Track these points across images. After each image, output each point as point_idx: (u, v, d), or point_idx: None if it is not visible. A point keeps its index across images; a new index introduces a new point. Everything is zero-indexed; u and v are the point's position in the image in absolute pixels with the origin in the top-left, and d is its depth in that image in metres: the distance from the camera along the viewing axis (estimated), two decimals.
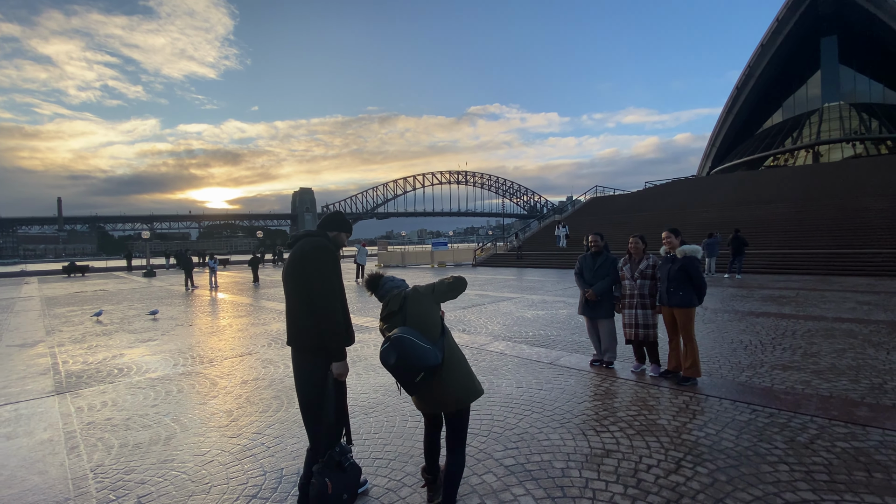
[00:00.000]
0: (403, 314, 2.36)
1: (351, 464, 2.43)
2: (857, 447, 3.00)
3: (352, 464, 2.43)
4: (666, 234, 4.62)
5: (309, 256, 2.41)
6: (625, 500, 2.48)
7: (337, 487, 2.30)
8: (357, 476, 2.46)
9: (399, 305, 2.39)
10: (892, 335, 6.10)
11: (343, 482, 2.34)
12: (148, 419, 4.05)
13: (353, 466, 2.44)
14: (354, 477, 2.43)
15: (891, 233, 16.97)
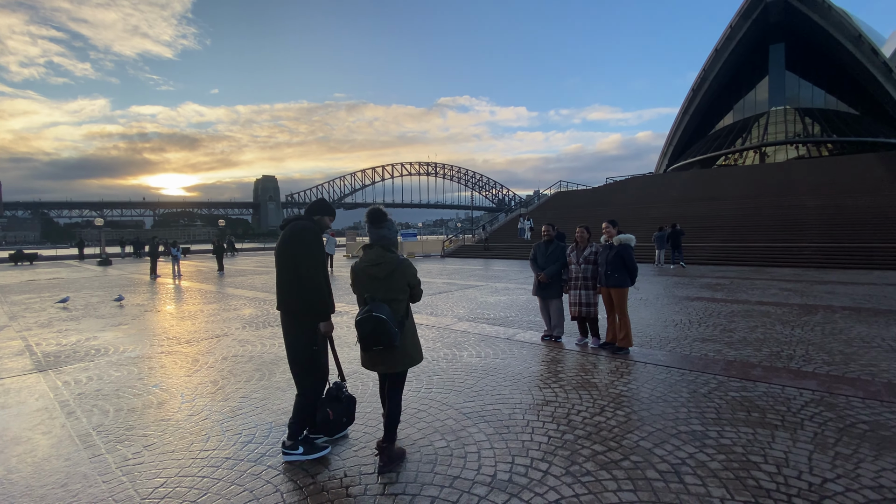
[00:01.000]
0: (386, 283, 2.73)
1: (346, 395, 3.04)
2: (744, 396, 3.76)
3: (347, 395, 3.05)
4: (605, 225, 5.31)
5: (297, 237, 2.87)
6: (556, 433, 3.11)
7: (337, 413, 2.95)
8: (352, 404, 3.07)
9: (383, 274, 2.72)
10: (800, 315, 7.10)
11: (341, 409, 2.97)
12: (137, 389, 4.37)
13: (349, 397, 3.06)
14: (351, 405, 3.05)
15: (820, 228, 18.75)
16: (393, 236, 2.84)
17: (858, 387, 3.91)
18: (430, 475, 2.64)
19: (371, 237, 2.82)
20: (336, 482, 2.61)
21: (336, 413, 2.93)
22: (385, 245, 2.79)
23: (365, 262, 2.78)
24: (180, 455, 3.00)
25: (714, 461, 2.70)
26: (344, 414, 2.99)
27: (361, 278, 2.79)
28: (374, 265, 2.74)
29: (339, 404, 2.96)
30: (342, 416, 2.98)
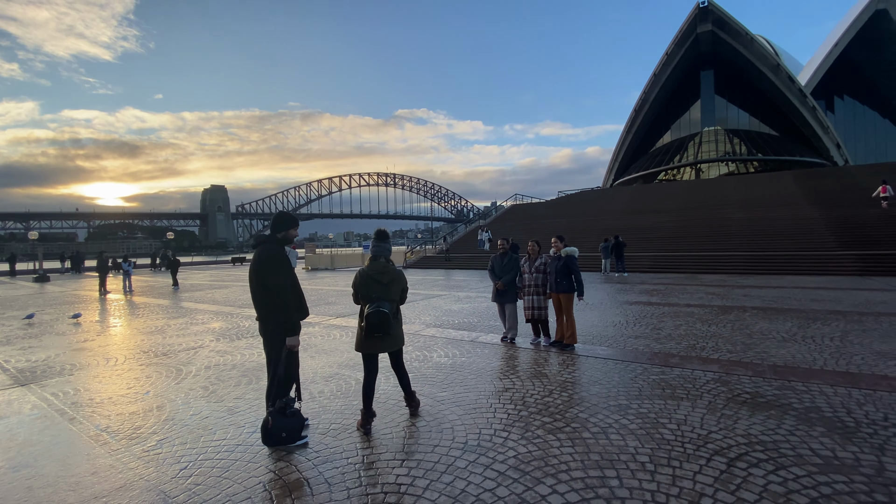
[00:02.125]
0: (386, 288, 3.57)
1: (293, 411, 3.27)
2: (661, 378, 4.65)
3: (293, 411, 3.28)
4: (554, 240, 6.18)
5: (264, 264, 3.33)
6: (514, 411, 3.83)
7: (276, 426, 3.19)
8: (298, 422, 3.28)
9: (389, 280, 3.60)
10: (717, 315, 8.30)
11: (283, 424, 3.21)
12: (130, 397, 4.68)
13: (295, 414, 3.28)
14: (295, 422, 3.26)
15: (744, 238, 20.97)
16: (390, 249, 3.72)
17: (749, 368, 4.92)
18: (416, 444, 3.27)
19: (376, 250, 3.67)
20: (326, 453, 3.18)
21: (275, 424, 3.19)
22: (387, 257, 3.65)
23: (372, 270, 3.59)
24: (193, 446, 3.44)
25: (633, 423, 3.51)
26: (284, 429, 3.20)
27: (368, 282, 3.57)
28: (380, 273, 3.56)
29: (280, 418, 3.22)
30: (281, 431, 3.20)
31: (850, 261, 16.42)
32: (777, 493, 2.53)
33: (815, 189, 27.35)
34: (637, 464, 2.90)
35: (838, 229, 19.87)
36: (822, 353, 5.50)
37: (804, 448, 3.06)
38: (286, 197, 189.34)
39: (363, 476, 2.88)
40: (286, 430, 3.24)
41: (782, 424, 3.44)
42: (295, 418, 3.30)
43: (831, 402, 3.87)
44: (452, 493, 2.63)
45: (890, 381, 4.38)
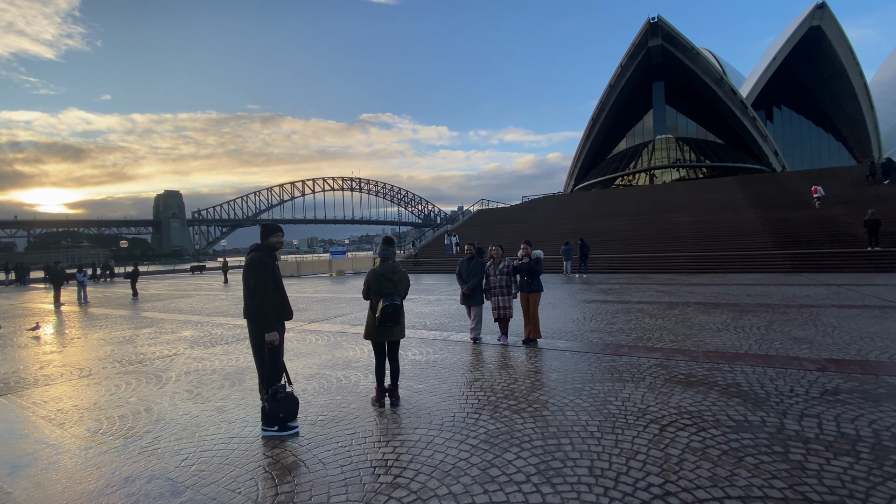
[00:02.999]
0: (396, 285, 4.21)
1: (284, 395, 3.67)
2: (611, 365, 5.27)
3: (285, 395, 3.68)
4: (523, 245, 6.74)
5: (248, 268, 3.81)
6: (483, 397, 4.31)
7: (273, 409, 3.63)
8: (292, 403, 3.70)
9: (397, 279, 4.32)
10: (664, 310, 9.14)
11: (278, 406, 3.63)
12: (115, 402, 4.82)
13: (288, 396, 3.69)
14: (290, 403, 3.68)
15: (692, 240, 22.52)
16: (395, 252, 4.41)
17: (686, 354, 5.63)
18: (399, 428, 3.69)
19: (385, 253, 4.36)
20: (319, 437, 3.55)
21: (271, 409, 3.61)
22: (393, 259, 4.31)
23: (384, 269, 4.27)
24: (190, 440, 3.71)
25: (585, 402, 4.07)
26: (280, 410, 3.62)
27: (381, 280, 4.18)
28: (391, 272, 4.23)
29: (274, 403, 3.62)
30: (278, 412, 3.62)
31: (784, 259, 18.06)
32: (696, 448, 3.12)
33: (755, 193, 29.63)
34: (587, 432, 3.44)
35: (774, 230, 21.74)
36: (748, 339, 6.32)
37: (722, 414, 3.70)
38: (246, 202, 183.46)
39: (353, 455, 3.27)
40: (282, 411, 3.65)
41: (707, 398, 4.10)
42: (287, 401, 3.71)
43: (749, 379, 4.59)
44: (433, 464, 3.07)
45: (800, 361, 5.18)
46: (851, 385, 4.29)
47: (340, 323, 9.25)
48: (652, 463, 2.94)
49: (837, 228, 20.57)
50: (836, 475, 2.71)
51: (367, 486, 2.82)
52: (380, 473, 2.98)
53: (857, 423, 3.42)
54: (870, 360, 5.13)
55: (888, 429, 3.31)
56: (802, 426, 3.42)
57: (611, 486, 2.68)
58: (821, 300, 9.66)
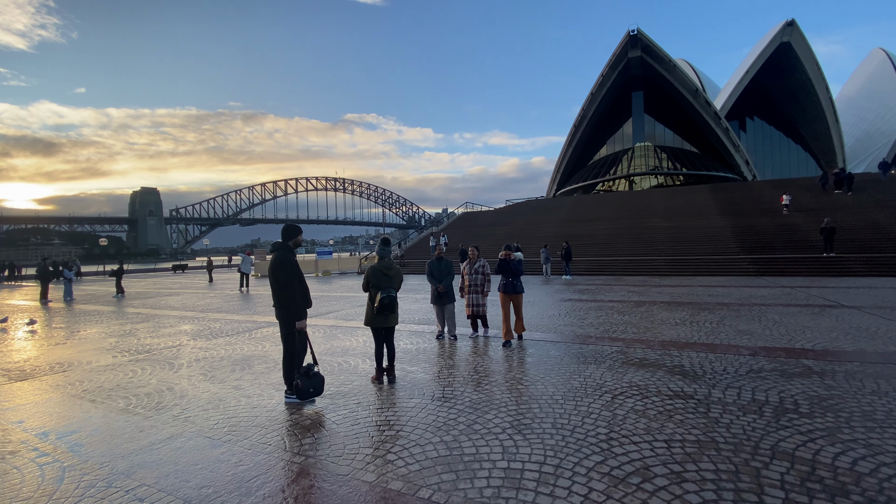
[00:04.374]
0: (392, 279, 4.89)
1: (315, 373, 4.37)
2: (579, 352, 6.05)
3: (315, 373, 4.37)
4: (504, 251, 6.90)
5: (278, 265, 4.46)
6: (468, 376, 5.03)
7: (304, 385, 4.28)
8: (320, 380, 4.39)
9: (393, 274, 4.89)
10: (632, 308, 10.02)
11: (309, 383, 4.29)
12: (137, 384, 5.35)
13: (317, 375, 4.38)
14: (318, 380, 4.38)
15: (666, 245, 23.72)
16: (391, 251, 5.08)
17: (644, 343, 6.46)
18: (397, 399, 4.38)
19: (382, 252, 5.03)
20: (328, 402, 4.21)
21: (304, 384, 4.25)
22: (389, 257, 4.99)
23: (382, 266, 4.94)
24: (216, 410, 4.31)
25: (554, 379, 4.83)
26: (311, 385, 4.27)
27: (378, 275, 4.85)
28: (388, 269, 4.91)
29: (307, 379, 4.27)
30: (309, 388, 4.26)
31: (748, 263, 19.31)
32: (638, 410, 3.90)
33: (725, 201, 31.18)
34: (553, 400, 4.19)
35: (740, 236, 23.10)
36: (699, 331, 7.20)
37: (664, 387, 4.50)
38: (226, 200, 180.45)
39: (360, 418, 3.94)
40: (313, 387, 4.32)
41: (655, 375, 4.90)
42: (317, 378, 4.37)
43: (692, 362, 5.41)
44: (426, 422, 3.77)
45: (738, 349, 6.05)
46: (774, 366, 5.15)
47: (334, 318, 9.85)
48: (602, 420, 3.70)
49: (798, 235, 22.02)
50: (741, 427, 3.51)
51: (375, 438, 3.50)
52: (384, 429, 3.66)
53: (769, 393, 4.25)
54: (795, 347, 6.03)
55: (791, 397, 4.14)
56: (725, 394, 4.23)
57: (568, 435, 3.42)
58: (771, 300, 10.69)
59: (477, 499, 2.61)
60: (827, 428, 3.42)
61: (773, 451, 3.08)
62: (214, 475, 3.02)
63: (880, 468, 2.81)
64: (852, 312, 8.61)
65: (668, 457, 3.04)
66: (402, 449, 3.29)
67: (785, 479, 2.71)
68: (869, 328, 7.07)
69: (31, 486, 2.94)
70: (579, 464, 2.97)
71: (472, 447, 3.28)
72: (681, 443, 3.24)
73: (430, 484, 2.80)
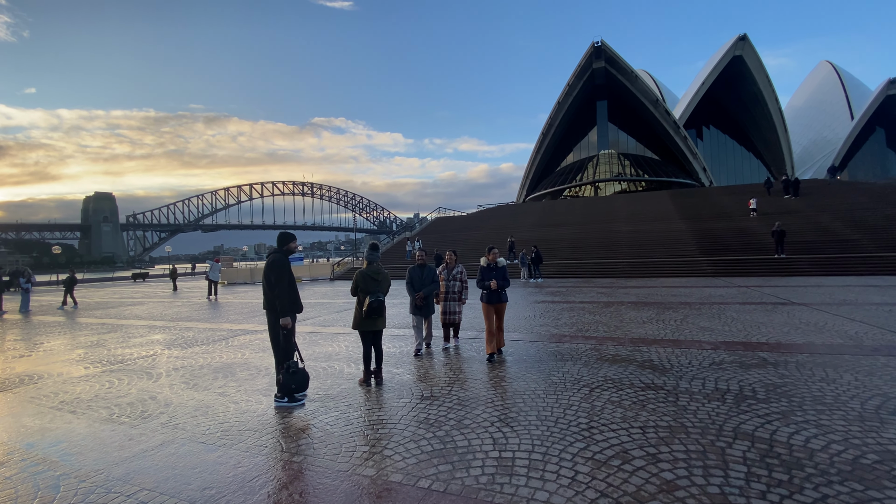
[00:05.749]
0: (380, 284, 4.96)
1: (296, 370, 4.45)
2: (555, 350, 6.36)
3: (297, 370, 4.46)
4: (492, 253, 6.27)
5: (270, 266, 4.65)
6: (454, 376, 5.22)
7: (286, 380, 4.40)
8: (303, 377, 4.49)
9: (381, 279, 4.97)
10: (601, 308, 10.49)
11: (291, 379, 4.40)
12: (117, 394, 5.25)
13: (300, 371, 4.47)
14: (301, 376, 4.47)
15: (630, 248, 24.70)
16: (379, 257, 5.15)
17: (615, 341, 6.84)
18: (386, 399, 4.52)
19: (371, 257, 5.13)
20: (318, 405, 4.31)
21: (285, 379, 4.35)
22: (378, 262, 5.09)
23: (370, 271, 5.01)
24: (206, 416, 4.32)
25: (534, 375, 5.09)
26: (293, 382, 4.35)
27: (367, 280, 4.93)
28: (376, 274, 4.96)
29: (288, 375, 4.37)
30: (290, 384, 4.35)
31: (707, 265, 20.41)
32: (614, 401, 4.20)
33: (685, 206, 32.77)
34: (535, 395, 4.44)
35: (699, 239, 24.37)
36: (665, 329, 7.67)
37: (636, 379, 4.84)
38: (187, 206, 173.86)
39: (353, 419, 4.06)
40: (294, 383, 4.43)
41: (627, 369, 5.24)
42: (299, 374, 4.47)
43: (660, 357, 5.81)
44: (417, 420, 3.93)
45: (700, 344, 6.50)
46: (733, 359, 5.61)
47: (312, 325, 9.83)
48: (582, 411, 3.97)
49: (752, 238, 23.44)
50: (707, 413, 3.85)
51: (370, 436, 3.64)
52: (378, 428, 3.80)
53: (730, 382, 4.66)
54: (752, 341, 6.55)
55: (750, 385, 4.55)
56: (691, 385, 4.60)
57: (552, 425, 3.67)
58: (729, 299, 11.42)
59: (473, 486, 2.81)
60: (782, 412, 3.81)
61: (736, 432, 3.42)
62: (215, 477, 3.08)
63: (830, 445, 3.19)
64: (802, 309, 9.36)
65: (644, 441, 3.33)
66: (398, 445, 3.44)
67: (747, 457, 3.04)
68: (817, 323, 7.73)
69: (27, 495, 2.92)
70: (565, 450, 3.22)
71: (465, 440, 3.47)
72: (654, 428, 3.54)
73: (429, 475, 2.97)
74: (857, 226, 23.05)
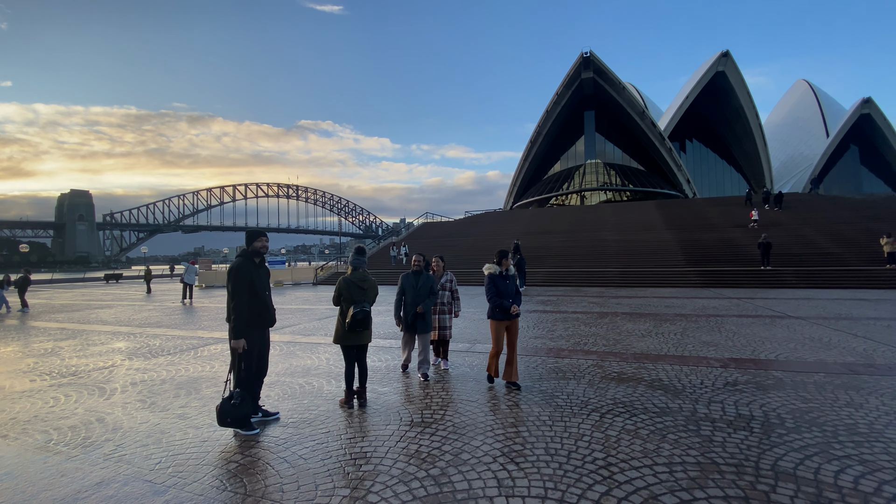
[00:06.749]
0: (366, 292, 4.42)
1: (236, 402, 3.71)
2: (555, 366, 5.88)
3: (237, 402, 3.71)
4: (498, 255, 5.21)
5: (227, 273, 4.01)
6: (447, 396, 4.69)
7: (222, 410, 3.70)
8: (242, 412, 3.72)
9: (368, 287, 4.44)
10: (596, 319, 10.08)
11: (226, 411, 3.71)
12: (60, 415, 4.56)
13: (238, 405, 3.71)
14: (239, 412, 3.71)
15: (618, 257, 24.55)
16: (366, 262, 4.60)
17: (618, 357, 6.40)
18: (371, 425, 3.96)
19: (356, 262, 4.53)
20: (286, 431, 3.73)
21: (221, 409, 3.71)
22: (364, 268, 4.52)
23: (355, 278, 4.43)
24: (158, 446, 3.69)
25: (536, 397, 4.59)
26: (228, 415, 3.69)
27: (352, 288, 4.36)
28: (362, 281, 4.40)
29: (226, 406, 3.72)
30: (226, 417, 3.69)
31: (695, 275, 20.29)
32: (630, 430, 3.72)
33: (671, 216, 32.92)
34: (540, 421, 3.94)
35: (687, 250, 24.35)
36: (667, 343, 7.27)
37: (649, 403, 4.38)
38: (168, 206, 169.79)
39: (332, 451, 3.49)
40: (230, 417, 3.73)
41: (637, 390, 4.78)
42: (239, 408, 3.74)
43: (669, 375, 5.37)
44: (408, 453, 3.39)
45: (708, 361, 6.11)
46: (747, 378, 5.20)
47: (290, 333, 9.18)
48: (595, 442, 3.48)
49: (737, 249, 23.51)
50: (736, 445, 3.41)
51: (352, 475, 3.08)
52: (361, 464, 3.24)
53: (751, 406, 4.23)
54: (761, 358, 6.18)
55: (774, 410, 4.13)
56: (710, 409, 4.16)
57: (564, 461, 3.17)
58: (723, 311, 11.15)
59: None
60: (818, 444, 3.39)
61: (775, 471, 2.98)
62: None
63: (882, 487, 2.76)
64: (801, 323, 9.10)
65: (674, 483, 2.85)
66: (385, 487, 2.89)
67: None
68: (822, 339, 7.43)
69: None
70: (584, 496, 2.72)
71: (464, 481, 2.94)
72: (682, 466, 3.08)
73: None
74: (840, 239, 23.33)
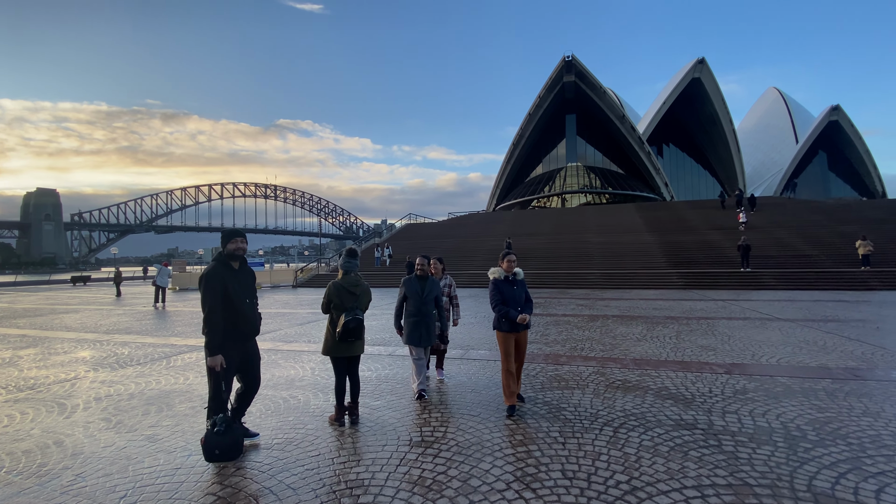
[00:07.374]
0: (358, 298, 4.04)
1: (220, 430, 3.23)
2: (556, 374, 5.61)
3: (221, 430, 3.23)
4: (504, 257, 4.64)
5: (199, 280, 3.50)
6: (446, 411, 4.35)
7: (208, 442, 3.22)
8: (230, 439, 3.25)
9: (360, 293, 4.05)
10: (588, 322, 9.90)
11: (213, 441, 3.22)
12: (13, 437, 4.04)
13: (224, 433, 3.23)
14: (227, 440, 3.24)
15: (602, 259, 24.65)
16: (358, 265, 4.20)
17: (618, 362, 6.18)
18: (366, 446, 3.59)
19: (348, 266, 4.12)
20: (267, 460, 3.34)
21: (207, 441, 3.23)
22: (356, 271, 4.13)
23: (346, 283, 4.04)
24: (124, 475, 3.24)
25: (542, 410, 4.30)
26: (216, 447, 3.21)
27: (343, 293, 3.98)
28: (354, 286, 4.02)
29: (212, 435, 3.24)
30: (214, 449, 3.22)
31: (676, 277, 20.48)
32: (648, 446, 3.46)
33: (651, 219, 33.36)
34: (551, 438, 3.64)
35: (668, 252, 24.62)
36: (664, 348, 7.11)
37: (661, 415, 4.13)
38: (140, 206, 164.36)
39: (324, 478, 3.11)
40: (219, 448, 3.24)
41: (645, 400, 4.55)
42: (225, 436, 3.26)
43: (675, 383, 5.17)
44: (411, 479, 3.04)
45: (711, 366, 5.94)
46: (755, 385, 5.03)
47: (271, 340, 8.69)
48: (615, 462, 3.20)
49: (716, 251, 23.90)
50: (764, 462, 3.18)
51: None
52: (359, 494, 2.88)
53: (768, 417, 4.04)
54: (762, 363, 6.05)
55: (792, 421, 3.94)
56: (726, 421, 3.95)
57: (585, 486, 2.87)
58: (712, 313, 11.14)
59: None
60: (847, 459, 3.19)
61: (812, 492, 2.75)
62: None
63: None
64: (791, 325, 9.10)
65: None
66: None
67: None
68: (817, 342, 7.39)
69: None
70: None
71: None
72: (712, 488, 2.82)
73: None
74: (815, 242, 23.96)
